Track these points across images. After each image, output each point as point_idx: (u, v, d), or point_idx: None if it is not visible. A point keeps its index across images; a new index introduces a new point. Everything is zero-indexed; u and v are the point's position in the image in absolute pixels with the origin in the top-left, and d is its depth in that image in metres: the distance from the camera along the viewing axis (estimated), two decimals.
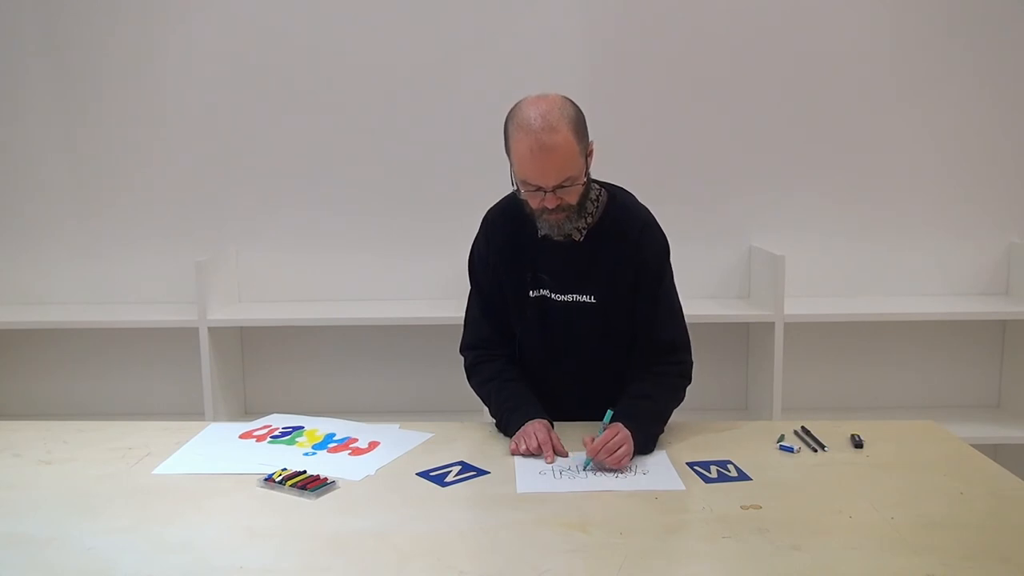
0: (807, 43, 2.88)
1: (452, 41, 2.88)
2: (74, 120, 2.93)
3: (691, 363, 1.93)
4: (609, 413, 1.74)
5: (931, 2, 2.85)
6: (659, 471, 1.67)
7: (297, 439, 1.87)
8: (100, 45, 2.89)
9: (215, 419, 2.72)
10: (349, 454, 1.78)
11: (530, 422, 1.80)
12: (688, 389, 1.92)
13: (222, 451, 1.81)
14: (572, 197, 1.75)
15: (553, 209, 1.74)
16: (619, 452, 1.65)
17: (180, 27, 2.88)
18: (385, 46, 2.88)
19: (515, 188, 1.78)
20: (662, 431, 1.82)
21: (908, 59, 2.89)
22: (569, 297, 1.89)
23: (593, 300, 1.87)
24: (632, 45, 2.88)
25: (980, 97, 2.90)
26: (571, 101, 1.74)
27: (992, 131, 2.92)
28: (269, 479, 1.61)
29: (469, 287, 2.02)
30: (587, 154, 1.76)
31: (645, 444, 1.74)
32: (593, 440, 1.67)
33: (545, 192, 1.71)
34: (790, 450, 1.77)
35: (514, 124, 1.71)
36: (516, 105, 1.74)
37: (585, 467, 1.67)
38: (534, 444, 1.73)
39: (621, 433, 1.68)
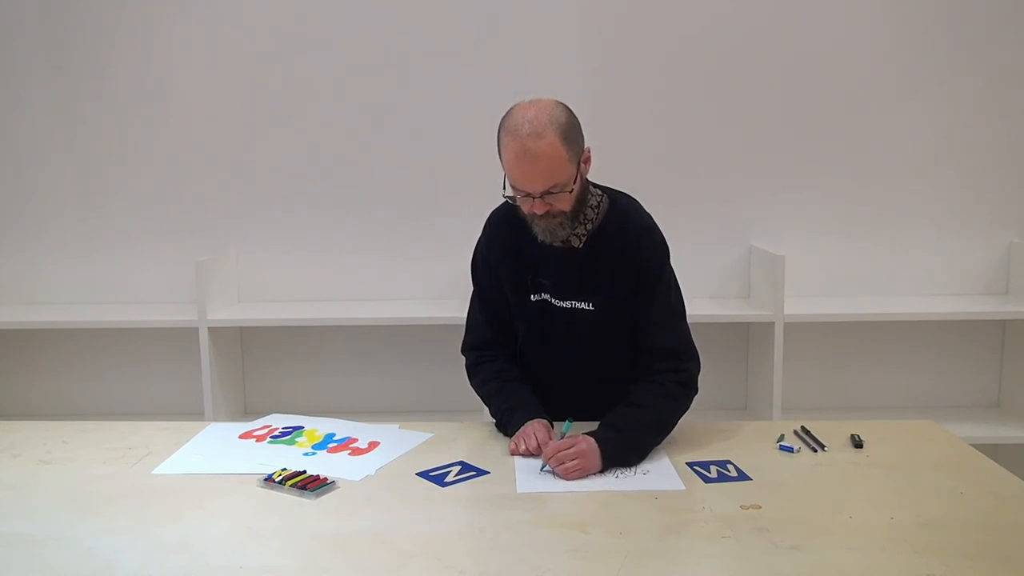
0: (807, 43, 2.88)
1: (452, 42, 2.87)
2: (74, 120, 2.93)
3: (695, 371, 1.86)
4: (568, 422, 1.72)
5: (931, 2, 2.85)
6: (659, 471, 1.67)
7: (297, 439, 1.87)
8: (100, 44, 2.89)
9: (215, 419, 2.72)
10: (349, 454, 1.78)
11: (530, 422, 1.79)
12: None
13: (222, 451, 1.81)
14: (563, 203, 1.73)
15: (543, 215, 1.73)
16: (567, 465, 1.62)
17: (180, 27, 2.88)
18: (385, 46, 2.88)
19: (506, 196, 1.76)
20: (659, 441, 1.77)
21: (908, 59, 2.88)
22: (569, 303, 1.88)
23: (591, 307, 1.86)
24: (632, 45, 2.88)
25: (980, 97, 2.90)
26: (564, 106, 1.72)
27: (992, 131, 2.92)
28: (269, 479, 1.62)
29: (469, 287, 2.02)
30: (581, 161, 1.74)
31: (626, 455, 1.69)
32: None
33: (533, 198, 1.70)
34: (790, 450, 1.77)
35: (504, 129, 1.70)
36: (509, 110, 1.72)
37: (542, 468, 1.66)
38: (534, 444, 1.73)
39: (577, 447, 1.64)
